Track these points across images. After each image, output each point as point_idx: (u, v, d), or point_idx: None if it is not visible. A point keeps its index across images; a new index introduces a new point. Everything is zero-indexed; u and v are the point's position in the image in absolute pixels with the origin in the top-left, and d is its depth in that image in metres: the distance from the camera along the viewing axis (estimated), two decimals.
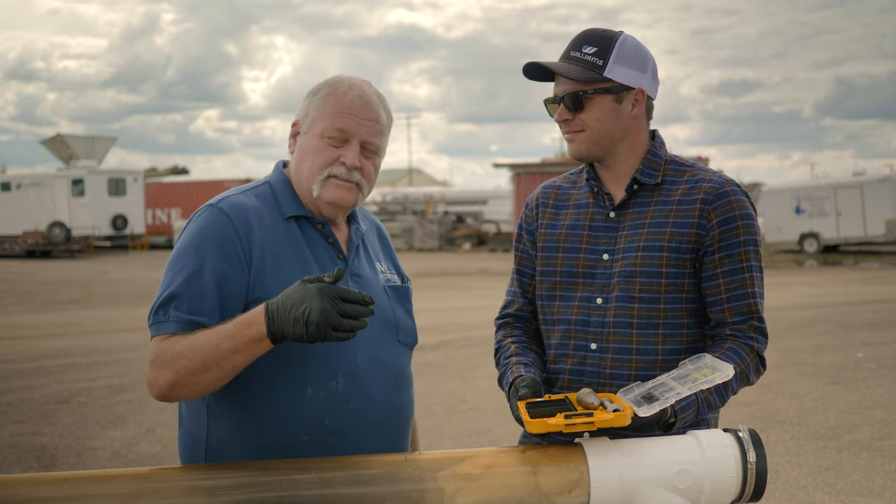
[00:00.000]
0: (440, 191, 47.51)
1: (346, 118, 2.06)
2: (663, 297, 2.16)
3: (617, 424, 1.82)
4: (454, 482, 1.81)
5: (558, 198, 2.35)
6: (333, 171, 2.06)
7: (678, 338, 2.18)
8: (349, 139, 2.07)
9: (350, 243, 2.15)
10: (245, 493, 1.78)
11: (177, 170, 42.52)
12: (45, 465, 5.96)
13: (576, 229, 2.26)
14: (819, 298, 15.77)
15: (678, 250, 2.15)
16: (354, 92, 2.09)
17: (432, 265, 25.40)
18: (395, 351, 2.14)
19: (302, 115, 2.13)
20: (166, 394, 1.94)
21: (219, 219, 2.01)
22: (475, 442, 6.51)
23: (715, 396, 2.10)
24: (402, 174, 77.27)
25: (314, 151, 2.07)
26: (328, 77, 2.16)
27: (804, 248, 28.33)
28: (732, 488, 1.84)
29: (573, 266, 2.24)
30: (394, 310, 2.17)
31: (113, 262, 28.48)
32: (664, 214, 2.18)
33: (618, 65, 2.16)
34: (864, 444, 6.42)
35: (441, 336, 11.38)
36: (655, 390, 1.93)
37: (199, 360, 1.87)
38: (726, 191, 2.18)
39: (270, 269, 2.00)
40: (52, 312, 15.44)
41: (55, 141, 37.47)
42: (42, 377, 9.09)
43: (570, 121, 2.19)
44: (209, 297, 1.94)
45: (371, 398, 2.04)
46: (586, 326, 2.20)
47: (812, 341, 10.89)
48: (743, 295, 2.17)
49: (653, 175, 2.22)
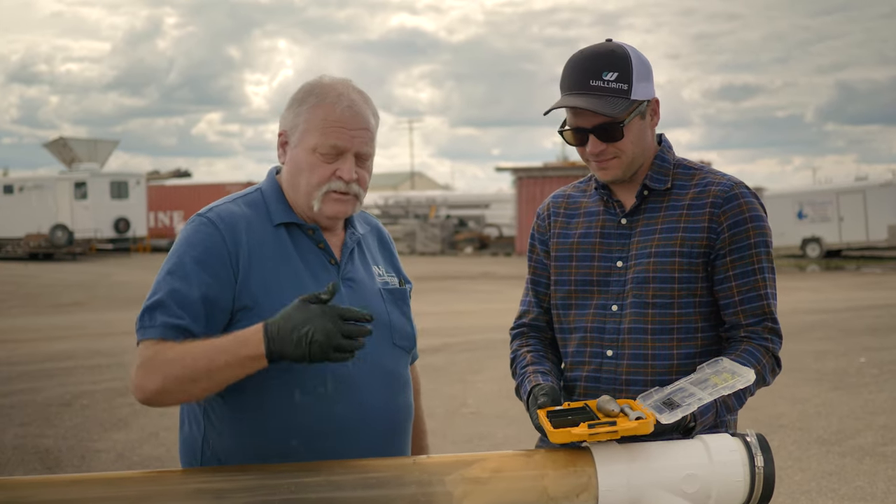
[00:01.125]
0: (442, 195, 47.54)
1: (338, 133, 2.04)
2: (677, 302, 2.16)
3: (640, 432, 1.81)
4: (462, 486, 1.81)
5: (569, 206, 2.35)
6: (332, 186, 2.05)
7: (692, 342, 2.18)
8: (342, 153, 2.05)
9: (344, 248, 2.14)
10: (252, 496, 1.78)
11: (179, 173, 42.55)
12: (48, 468, 5.95)
13: (588, 237, 2.26)
14: (821, 303, 15.76)
15: (690, 255, 2.16)
16: (343, 103, 2.06)
17: (434, 269, 25.40)
18: (390, 354, 2.12)
19: (289, 125, 2.10)
20: (152, 399, 1.93)
21: (206, 229, 2.02)
22: (476, 446, 6.51)
23: (733, 399, 2.10)
24: (405, 178, 77.30)
25: (309, 168, 2.05)
26: (309, 81, 2.13)
27: (806, 252, 28.34)
28: (740, 493, 1.84)
29: (587, 274, 2.24)
30: (389, 312, 2.15)
31: (115, 265, 28.50)
32: (675, 219, 2.18)
33: (639, 83, 2.15)
34: (868, 449, 6.42)
35: (443, 339, 11.38)
36: (675, 395, 1.92)
37: (191, 371, 1.88)
38: (735, 193, 2.18)
39: (258, 278, 2.00)
40: (54, 315, 15.45)
41: (58, 144, 37.51)
42: (45, 380, 9.10)
43: (605, 150, 2.17)
44: (195, 305, 1.95)
45: (361, 403, 2.03)
46: (602, 334, 2.20)
47: (814, 346, 10.88)
48: (756, 297, 2.17)
49: (662, 180, 2.22)
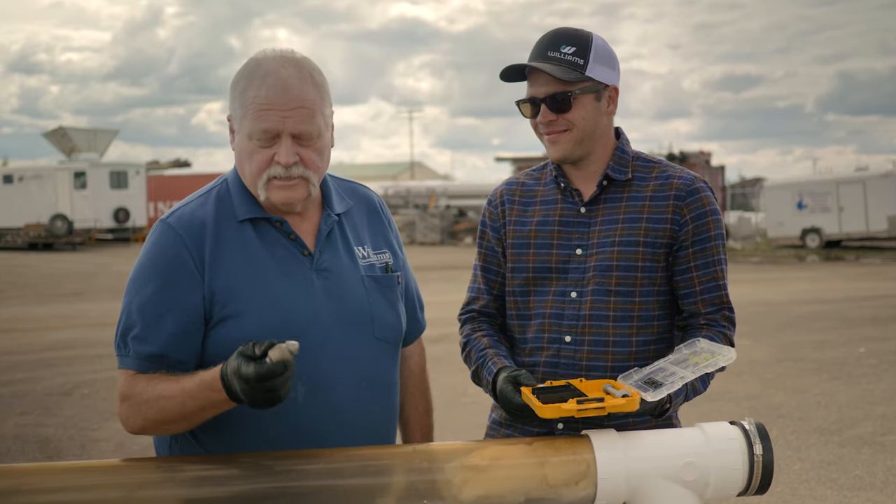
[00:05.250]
0: (442, 185, 47.42)
1: (267, 116, 1.89)
2: (638, 290, 2.21)
3: (627, 409, 1.84)
4: (462, 473, 1.81)
5: (524, 194, 2.37)
6: (272, 172, 1.93)
7: (650, 329, 2.23)
8: (278, 135, 1.91)
9: (319, 234, 2.03)
10: (253, 483, 1.78)
11: (179, 163, 42.56)
12: (48, 457, 5.97)
13: (546, 225, 2.29)
14: (821, 294, 15.77)
15: (653, 245, 2.21)
16: (270, 80, 1.90)
17: (434, 259, 25.40)
18: (370, 350, 2.03)
19: (233, 111, 1.97)
20: (137, 433, 1.96)
21: (167, 237, 1.95)
22: (476, 435, 6.46)
23: (699, 382, 2.15)
24: (404, 168, 77.16)
25: (248, 155, 1.94)
26: (251, 57, 1.98)
27: (806, 243, 28.30)
28: (739, 481, 1.85)
29: (546, 261, 2.26)
30: (370, 303, 2.04)
31: (115, 255, 28.48)
32: (637, 210, 2.23)
33: (596, 63, 2.20)
34: (866, 439, 6.43)
35: (442, 329, 11.35)
36: (656, 375, 1.96)
37: (166, 415, 1.87)
38: (697, 187, 2.24)
39: (224, 283, 1.92)
40: (54, 305, 15.46)
41: (57, 134, 37.49)
42: (45, 369, 9.12)
43: (555, 121, 2.22)
44: (165, 322, 1.90)
45: (334, 408, 1.95)
46: (560, 320, 2.23)
47: (813, 336, 10.89)
48: (715, 287, 2.24)
49: (623, 171, 2.27)
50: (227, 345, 1.85)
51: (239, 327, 1.91)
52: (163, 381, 1.88)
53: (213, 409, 1.83)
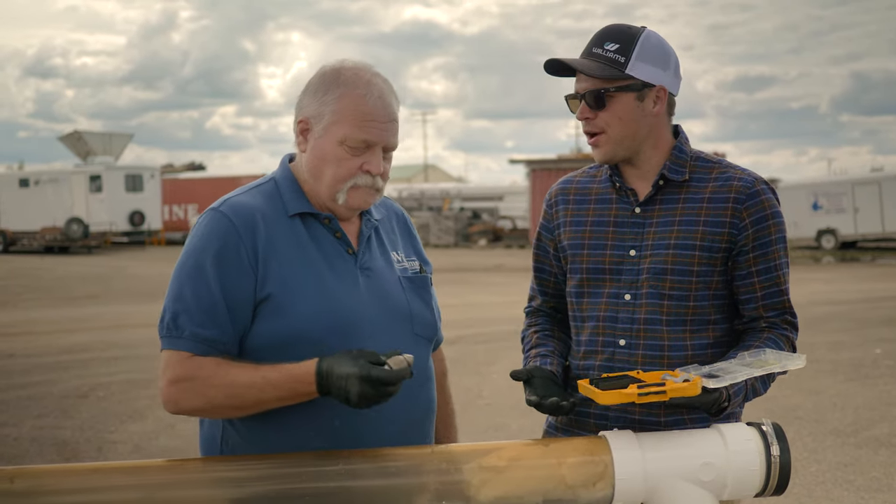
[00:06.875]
0: (456, 187, 47.48)
1: (370, 127, 1.99)
2: (693, 294, 2.16)
3: (688, 394, 1.83)
4: (480, 474, 1.82)
5: (578, 192, 2.33)
6: (359, 181, 2.01)
7: (705, 333, 2.18)
8: (370, 146, 2.01)
9: (361, 236, 2.10)
10: (272, 484, 1.80)
11: (193, 166, 42.65)
12: (66, 459, 5.99)
13: (600, 225, 2.25)
14: (836, 295, 15.69)
15: (710, 249, 2.15)
16: (374, 93, 2.01)
17: (448, 261, 25.40)
18: (412, 345, 2.08)
19: (313, 114, 2.03)
20: (186, 414, 1.97)
21: (221, 224, 1.98)
22: (492, 437, 6.51)
23: (759, 384, 2.11)
24: (418, 170, 77.22)
25: (335, 161, 2.00)
26: (330, 65, 2.07)
27: (821, 244, 28.19)
28: (756, 482, 1.85)
29: (599, 262, 2.23)
30: (409, 301, 2.12)
31: (130, 258, 28.61)
32: (695, 212, 2.17)
33: (640, 62, 2.14)
34: (883, 440, 6.40)
35: (457, 331, 11.39)
36: (716, 371, 1.92)
37: (238, 401, 1.90)
38: (757, 190, 2.17)
39: (275, 271, 1.97)
40: (70, 307, 15.53)
41: (73, 137, 37.63)
42: (61, 372, 9.15)
43: (591, 119, 2.18)
44: (219, 309, 1.93)
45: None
46: (614, 323, 2.20)
47: (829, 338, 10.84)
48: (777, 292, 2.19)
49: (680, 172, 2.21)
50: (276, 333, 1.94)
51: (290, 317, 1.95)
52: (235, 367, 1.91)
53: (292, 400, 1.90)
